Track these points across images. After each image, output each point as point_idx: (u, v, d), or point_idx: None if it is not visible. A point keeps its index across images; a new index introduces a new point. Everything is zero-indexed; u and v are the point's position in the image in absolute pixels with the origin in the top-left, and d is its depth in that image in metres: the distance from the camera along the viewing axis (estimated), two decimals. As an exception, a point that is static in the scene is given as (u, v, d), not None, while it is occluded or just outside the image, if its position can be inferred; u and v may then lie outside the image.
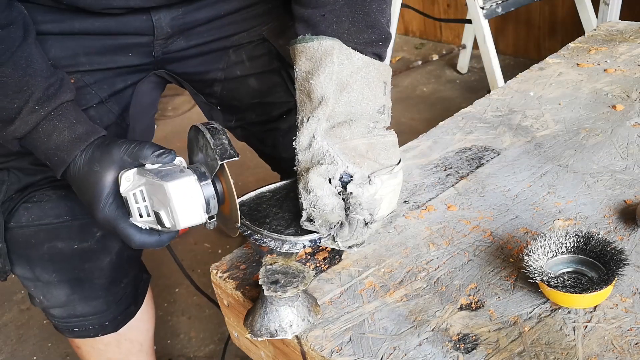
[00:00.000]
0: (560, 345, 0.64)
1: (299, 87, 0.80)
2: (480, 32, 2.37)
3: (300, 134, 0.77)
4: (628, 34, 1.43)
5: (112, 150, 0.75)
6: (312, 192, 0.73)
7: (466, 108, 1.20)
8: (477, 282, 0.74)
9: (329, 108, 0.76)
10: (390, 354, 0.66)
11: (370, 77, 0.77)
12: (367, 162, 0.76)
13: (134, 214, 0.75)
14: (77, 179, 0.77)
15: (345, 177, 0.75)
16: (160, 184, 0.71)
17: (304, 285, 0.68)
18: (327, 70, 0.75)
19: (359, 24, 0.77)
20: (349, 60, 0.76)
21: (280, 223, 0.80)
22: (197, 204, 0.72)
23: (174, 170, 0.74)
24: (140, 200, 0.74)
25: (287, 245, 0.76)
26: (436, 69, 3.43)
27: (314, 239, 0.77)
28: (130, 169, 0.75)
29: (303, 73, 0.78)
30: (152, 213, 0.74)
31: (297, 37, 0.79)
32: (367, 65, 0.76)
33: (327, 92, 0.75)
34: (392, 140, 0.79)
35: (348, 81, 0.76)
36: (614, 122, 1.06)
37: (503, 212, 0.87)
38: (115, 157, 0.75)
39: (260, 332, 0.69)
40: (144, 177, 0.73)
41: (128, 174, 0.75)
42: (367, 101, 0.77)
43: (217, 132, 0.74)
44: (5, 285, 2.09)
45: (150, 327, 1.21)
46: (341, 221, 0.76)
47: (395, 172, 0.78)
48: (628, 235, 0.78)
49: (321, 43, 0.76)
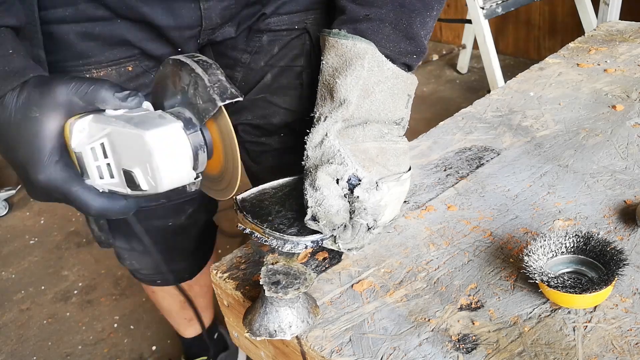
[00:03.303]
0: (560, 346, 0.64)
1: (322, 79, 0.78)
2: (480, 32, 2.37)
3: (315, 131, 0.76)
4: (628, 34, 1.43)
5: (56, 90, 0.58)
6: (319, 190, 0.73)
7: (466, 108, 1.20)
8: (477, 282, 0.74)
9: (349, 112, 0.74)
10: (390, 354, 0.66)
11: (396, 89, 0.75)
12: (376, 167, 0.75)
13: (91, 174, 0.60)
14: (8, 126, 0.59)
15: (353, 179, 0.74)
16: (135, 133, 0.56)
17: (305, 287, 0.67)
18: (356, 74, 0.73)
19: (399, 33, 0.74)
20: (379, 68, 0.74)
21: (283, 222, 0.80)
22: (184, 158, 0.58)
23: (150, 116, 0.58)
24: (101, 157, 0.59)
25: (289, 245, 0.75)
26: (436, 69, 3.43)
27: (317, 239, 0.76)
28: (84, 116, 0.58)
29: (330, 68, 0.76)
30: (119, 172, 0.59)
31: (332, 29, 0.76)
32: (395, 76, 0.75)
33: (351, 95, 0.74)
34: (403, 147, 0.79)
35: (374, 89, 0.74)
36: (614, 122, 1.06)
37: (503, 212, 0.87)
38: (61, 99, 0.58)
39: (259, 332, 0.69)
40: (107, 125, 0.57)
41: (81, 122, 0.58)
42: (387, 111, 0.76)
43: (210, 67, 0.60)
44: (5, 286, 2.09)
45: None
46: (345, 224, 0.76)
47: (402, 179, 0.78)
48: (628, 235, 0.78)
49: (355, 44, 0.73)
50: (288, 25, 0.92)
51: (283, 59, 0.95)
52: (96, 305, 2.01)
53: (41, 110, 0.57)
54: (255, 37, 0.93)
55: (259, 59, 0.94)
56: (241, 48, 0.93)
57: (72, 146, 0.59)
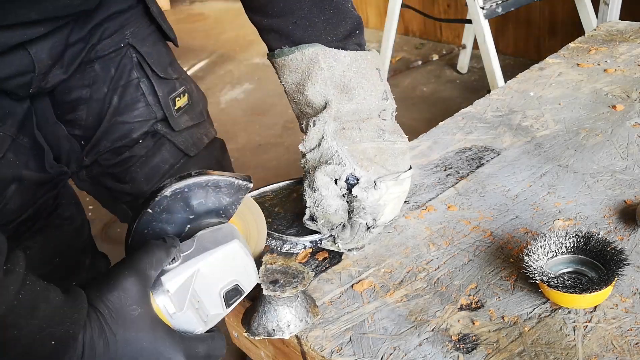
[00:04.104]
0: (560, 345, 0.64)
1: (292, 99, 0.79)
2: (480, 32, 2.37)
3: (308, 136, 0.77)
4: (628, 34, 1.43)
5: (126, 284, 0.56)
6: (317, 190, 0.73)
7: (466, 108, 1.20)
8: (477, 282, 0.74)
9: (334, 110, 0.76)
10: (390, 354, 0.66)
11: (362, 69, 0.76)
12: (374, 166, 0.75)
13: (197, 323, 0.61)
14: None
15: (351, 179, 0.75)
16: (225, 251, 0.61)
17: (303, 285, 0.68)
18: (320, 78, 0.75)
19: (331, 19, 0.75)
20: (336, 61, 0.75)
21: (282, 223, 0.80)
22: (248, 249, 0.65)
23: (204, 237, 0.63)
24: (196, 303, 0.61)
25: (288, 245, 0.76)
26: (436, 69, 3.43)
27: (315, 239, 0.76)
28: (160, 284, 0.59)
29: (292, 85, 0.77)
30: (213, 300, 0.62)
31: (274, 51, 0.77)
32: (355, 59, 0.76)
33: (328, 96, 0.75)
34: (401, 147, 0.79)
35: (343, 81, 0.75)
36: (614, 122, 1.06)
37: (503, 212, 0.87)
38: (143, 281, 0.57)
39: (258, 331, 0.69)
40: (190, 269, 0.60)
41: (163, 298, 0.58)
42: (368, 93, 0.77)
43: (207, 172, 0.65)
44: (5, 285, 2.09)
45: None
46: (343, 223, 0.76)
47: (401, 179, 0.78)
48: (628, 235, 0.78)
49: (303, 53, 0.74)
50: (114, 47, 0.94)
51: (121, 77, 0.96)
52: (96, 305, 2.00)
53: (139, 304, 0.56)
54: (89, 69, 0.93)
55: (99, 88, 0.95)
56: (78, 86, 0.93)
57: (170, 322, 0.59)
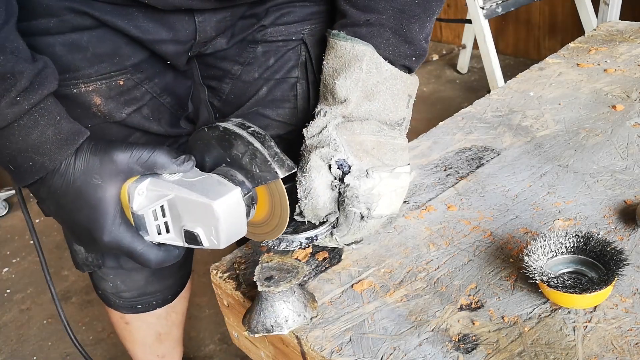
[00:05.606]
0: (560, 346, 0.64)
1: (323, 79, 0.79)
2: (480, 32, 2.37)
3: (314, 123, 0.76)
4: (628, 34, 1.43)
5: (116, 158, 0.64)
6: (307, 173, 0.73)
7: (466, 108, 1.20)
8: (477, 282, 0.74)
9: (348, 110, 0.76)
10: (390, 354, 0.66)
11: (395, 89, 0.76)
12: (369, 157, 0.75)
13: (150, 231, 0.66)
14: (67, 192, 0.64)
15: (344, 165, 0.75)
16: (202, 202, 0.62)
17: (297, 279, 0.68)
18: (354, 76, 0.74)
19: (399, 37, 0.75)
20: (377, 69, 0.75)
21: None
22: (242, 218, 0.65)
23: (209, 182, 0.64)
24: (160, 217, 0.64)
25: (284, 244, 0.76)
26: (436, 69, 3.43)
27: (311, 236, 0.76)
28: (141, 180, 0.64)
29: (330, 68, 0.77)
30: (177, 230, 0.65)
31: (332, 30, 0.77)
32: (394, 77, 0.76)
33: (351, 96, 0.75)
34: (401, 143, 0.79)
35: (373, 90, 0.75)
36: (614, 122, 1.06)
37: (503, 212, 0.87)
38: (122, 167, 0.64)
39: (257, 329, 0.70)
40: (169, 191, 0.63)
41: (140, 186, 0.63)
42: (387, 112, 0.77)
43: (265, 139, 0.66)
44: (5, 286, 2.09)
45: (188, 295, 1.24)
46: (337, 215, 0.76)
47: (396, 172, 0.78)
48: (628, 235, 0.78)
49: (354, 46, 0.74)
50: (285, 36, 0.90)
51: (279, 71, 0.92)
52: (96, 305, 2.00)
53: (103, 177, 0.63)
54: (249, 48, 0.90)
55: (251, 71, 0.92)
56: (232, 59, 0.91)
57: (133, 208, 0.64)
